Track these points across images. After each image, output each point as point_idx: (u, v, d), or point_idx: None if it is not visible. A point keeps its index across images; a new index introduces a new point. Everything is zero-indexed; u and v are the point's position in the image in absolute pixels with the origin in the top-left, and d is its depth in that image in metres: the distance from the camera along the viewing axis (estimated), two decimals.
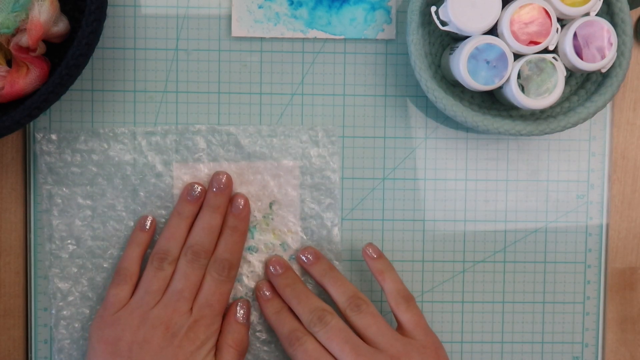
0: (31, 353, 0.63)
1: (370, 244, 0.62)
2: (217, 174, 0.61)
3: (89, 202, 0.62)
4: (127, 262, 0.60)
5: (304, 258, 0.62)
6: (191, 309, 0.59)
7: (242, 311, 0.61)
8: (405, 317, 0.59)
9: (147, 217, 0.62)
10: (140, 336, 0.58)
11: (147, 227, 0.62)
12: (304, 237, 0.63)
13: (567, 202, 0.64)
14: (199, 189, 0.61)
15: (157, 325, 0.58)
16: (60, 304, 0.62)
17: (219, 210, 0.61)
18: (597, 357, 0.65)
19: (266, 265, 0.62)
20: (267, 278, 0.63)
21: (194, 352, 0.58)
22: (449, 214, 0.64)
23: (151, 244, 0.62)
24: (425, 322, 0.59)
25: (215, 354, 0.59)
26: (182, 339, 0.58)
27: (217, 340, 0.60)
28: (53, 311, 0.62)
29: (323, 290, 0.62)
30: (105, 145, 0.62)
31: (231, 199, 0.62)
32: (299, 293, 0.60)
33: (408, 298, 0.60)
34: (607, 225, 0.64)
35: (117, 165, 0.62)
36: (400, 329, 0.59)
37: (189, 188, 0.61)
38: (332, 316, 0.59)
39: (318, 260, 0.62)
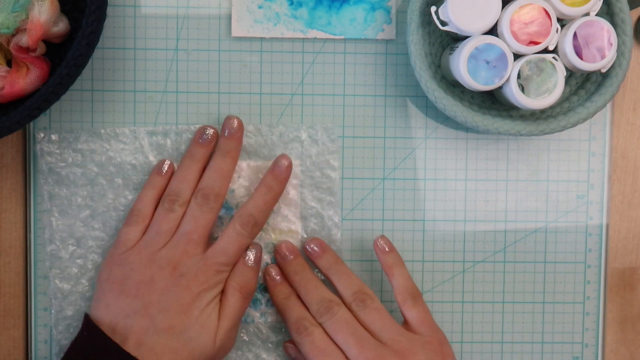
0: (31, 353, 0.63)
1: (383, 236, 0.61)
2: (228, 118, 0.61)
3: (89, 202, 0.62)
4: (140, 204, 0.60)
5: (309, 249, 0.62)
6: (204, 251, 0.58)
7: (251, 255, 0.60)
8: (412, 314, 0.59)
9: (165, 160, 0.61)
10: (147, 275, 0.57)
11: (164, 170, 0.61)
12: (305, 236, 0.63)
13: (567, 202, 0.64)
14: (211, 132, 0.60)
15: (164, 265, 0.57)
16: (61, 304, 0.62)
17: (230, 154, 0.60)
18: (597, 357, 0.65)
19: (276, 250, 0.62)
20: (277, 263, 0.62)
21: (200, 293, 0.57)
22: (449, 214, 0.64)
23: None
24: (431, 318, 0.60)
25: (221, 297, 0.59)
26: (190, 280, 0.57)
27: (225, 284, 0.59)
28: (53, 311, 0.62)
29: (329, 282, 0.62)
30: (106, 146, 0.62)
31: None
32: (307, 281, 0.60)
33: (415, 295, 0.60)
34: (607, 225, 0.64)
35: (118, 165, 0.62)
36: (406, 325, 0.60)
37: (201, 131, 0.61)
38: (340, 307, 0.59)
39: (324, 252, 0.61)
